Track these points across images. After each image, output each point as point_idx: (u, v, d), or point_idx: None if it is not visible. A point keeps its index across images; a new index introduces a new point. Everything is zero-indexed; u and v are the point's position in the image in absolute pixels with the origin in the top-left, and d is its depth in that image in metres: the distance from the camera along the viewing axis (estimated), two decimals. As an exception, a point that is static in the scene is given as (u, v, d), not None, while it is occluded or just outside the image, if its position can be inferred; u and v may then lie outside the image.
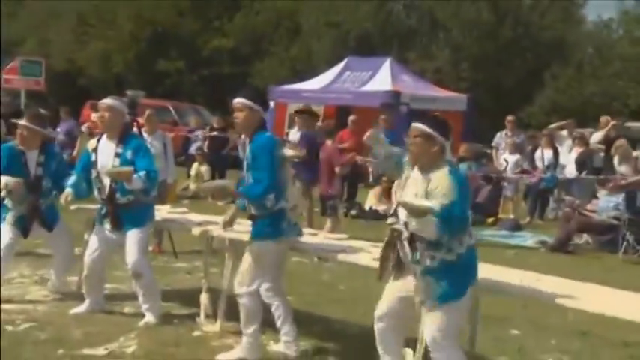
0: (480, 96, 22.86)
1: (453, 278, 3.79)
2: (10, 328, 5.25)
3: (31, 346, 4.89)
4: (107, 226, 5.54)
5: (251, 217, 4.80)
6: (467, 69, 27.56)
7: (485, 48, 27.88)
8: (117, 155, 5.47)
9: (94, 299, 5.69)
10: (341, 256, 5.00)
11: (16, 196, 5.86)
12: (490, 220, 11.75)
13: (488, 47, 27.93)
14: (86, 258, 5.61)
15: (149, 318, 5.48)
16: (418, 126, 3.92)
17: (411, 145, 3.91)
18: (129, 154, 5.44)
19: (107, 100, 5.63)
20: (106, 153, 5.51)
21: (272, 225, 4.69)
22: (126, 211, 5.47)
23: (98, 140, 5.63)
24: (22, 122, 6.04)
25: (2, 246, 5.86)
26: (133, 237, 5.47)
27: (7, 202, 5.94)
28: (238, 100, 4.81)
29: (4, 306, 5.73)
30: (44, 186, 5.96)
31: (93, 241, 5.63)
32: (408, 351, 4.25)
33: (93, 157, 5.57)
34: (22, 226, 5.96)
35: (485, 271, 4.59)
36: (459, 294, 3.81)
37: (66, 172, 5.98)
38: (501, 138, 13.52)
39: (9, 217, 5.94)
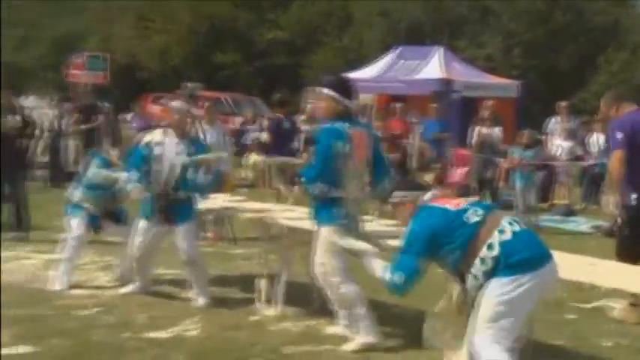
0: (532, 82, 22.45)
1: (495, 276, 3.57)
2: (79, 312, 5.40)
3: (100, 330, 5.02)
4: (156, 219, 5.63)
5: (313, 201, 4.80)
6: (519, 55, 27.07)
7: (537, 34, 27.33)
8: (184, 152, 5.70)
9: (142, 283, 5.88)
10: (395, 243, 4.97)
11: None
12: (544, 205, 11.58)
13: (540, 33, 27.37)
14: (135, 246, 5.72)
15: (201, 301, 5.61)
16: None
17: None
18: (192, 150, 5.74)
19: (175, 103, 5.96)
20: (173, 150, 5.67)
21: (328, 211, 4.67)
22: (177, 206, 5.63)
23: (164, 133, 5.79)
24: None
25: (74, 235, 6.06)
26: (184, 230, 5.64)
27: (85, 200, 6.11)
28: (319, 89, 4.84)
29: (75, 291, 5.89)
30: None
31: (141, 232, 5.69)
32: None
33: (157, 151, 5.66)
34: (95, 224, 6.19)
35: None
36: (502, 275, 3.53)
37: None
38: (554, 124, 13.25)
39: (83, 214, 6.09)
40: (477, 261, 3.59)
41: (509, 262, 3.54)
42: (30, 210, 8.26)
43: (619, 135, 5.57)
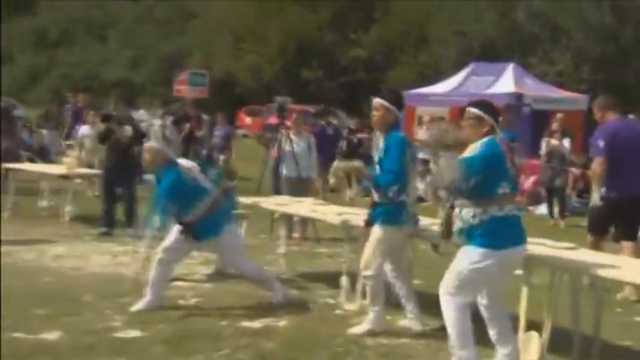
0: (600, 96, 21.69)
1: (480, 235, 3.88)
2: (181, 302, 5.54)
3: (200, 318, 5.14)
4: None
5: (373, 205, 4.81)
6: (588, 71, 26.22)
7: (606, 51, 26.41)
8: None
9: (154, 297, 5.32)
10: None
11: None
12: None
13: (609, 50, 26.44)
14: (163, 246, 5.42)
15: (277, 297, 5.51)
16: (471, 110, 4.06)
17: (466, 127, 4.04)
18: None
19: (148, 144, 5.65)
20: None
21: (394, 213, 4.70)
22: (195, 226, 5.31)
23: None
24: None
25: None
26: (214, 246, 5.43)
27: None
28: (377, 100, 4.84)
29: (178, 283, 6.03)
30: None
31: (174, 235, 5.42)
32: (534, 334, 4.11)
33: None
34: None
35: (611, 261, 4.37)
36: (481, 244, 3.87)
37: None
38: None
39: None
40: (472, 211, 3.89)
41: (485, 233, 3.85)
42: (139, 209, 8.52)
43: (601, 143, 6.10)
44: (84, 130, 11.56)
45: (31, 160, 11.44)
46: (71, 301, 5.38)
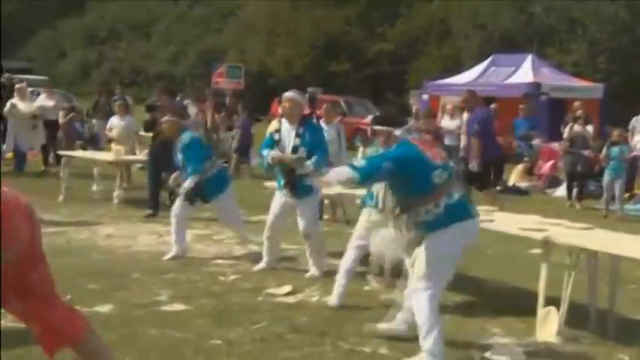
0: (615, 85, 21.26)
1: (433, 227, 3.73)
2: (222, 278, 5.57)
3: (238, 293, 5.17)
4: (285, 192, 5.54)
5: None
6: (603, 61, 25.67)
7: (620, 42, 25.82)
8: (297, 135, 5.46)
9: (270, 259, 5.74)
10: (489, 225, 4.84)
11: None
12: (626, 195, 10.94)
13: (623, 41, 25.85)
14: (268, 221, 5.69)
15: (313, 272, 5.55)
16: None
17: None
18: (307, 136, 5.45)
19: (288, 94, 5.67)
20: (287, 134, 5.51)
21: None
22: (301, 181, 5.45)
23: (279, 122, 5.71)
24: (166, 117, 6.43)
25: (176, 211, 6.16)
26: (305, 203, 5.50)
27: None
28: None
29: (218, 261, 6.08)
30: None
31: (273, 207, 5.64)
32: (552, 309, 4.06)
33: (276, 137, 5.54)
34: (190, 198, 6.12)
35: (625, 240, 4.30)
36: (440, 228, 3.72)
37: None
38: (636, 122, 12.52)
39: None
40: (423, 210, 3.70)
41: (448, 219, 3.68)
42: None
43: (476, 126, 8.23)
44: (113, 121, 10.95)
45: (84, 148, 11.56)
46: (121, 277, 5.46)
